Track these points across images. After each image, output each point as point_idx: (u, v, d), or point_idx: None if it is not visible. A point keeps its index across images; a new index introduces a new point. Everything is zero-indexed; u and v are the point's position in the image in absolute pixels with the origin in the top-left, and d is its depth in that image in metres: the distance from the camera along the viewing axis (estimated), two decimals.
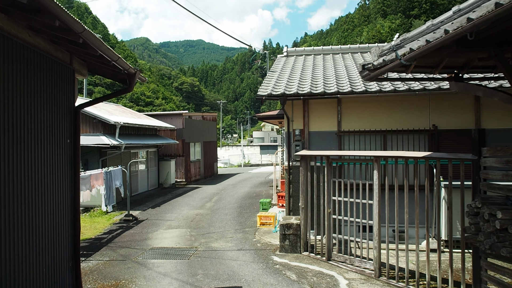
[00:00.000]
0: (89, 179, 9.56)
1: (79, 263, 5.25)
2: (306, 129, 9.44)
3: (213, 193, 17.38)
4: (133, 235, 9.98)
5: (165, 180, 19.46)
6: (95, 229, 10.71)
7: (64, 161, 4.63)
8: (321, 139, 9.42)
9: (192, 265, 7.37)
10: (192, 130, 22.10)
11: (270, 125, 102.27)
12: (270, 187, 18.87)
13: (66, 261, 4.88)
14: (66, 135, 4.68)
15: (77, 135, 4.82)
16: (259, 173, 27.61)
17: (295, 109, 9.54)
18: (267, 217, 10.43)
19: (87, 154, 14.06)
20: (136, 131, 16.90)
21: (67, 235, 4.84)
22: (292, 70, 10.84)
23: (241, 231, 10.11)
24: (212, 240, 9.32)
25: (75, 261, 5.19)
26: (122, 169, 11.91)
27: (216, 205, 14.14)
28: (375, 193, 6.64)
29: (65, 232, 4.77)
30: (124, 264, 7.52)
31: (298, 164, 9.45)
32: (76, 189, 4.87)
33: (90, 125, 14.04)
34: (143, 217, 12.23)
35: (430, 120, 8.95)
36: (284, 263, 7.34)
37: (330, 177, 7.45)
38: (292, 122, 9.55)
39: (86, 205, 13.17)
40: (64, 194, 4.65)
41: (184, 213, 12.80)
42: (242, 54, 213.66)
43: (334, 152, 7.47)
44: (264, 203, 12.68)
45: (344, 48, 12.85)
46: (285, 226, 8.00)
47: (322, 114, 9.43)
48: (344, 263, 7.19)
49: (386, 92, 8.36)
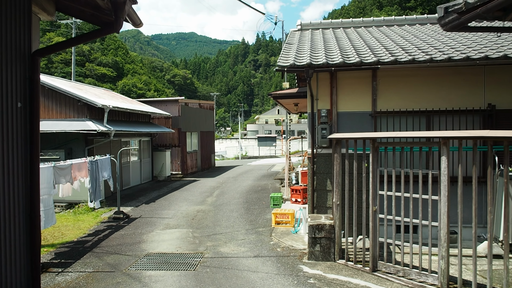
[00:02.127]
0: (69, 170, 7.84)
1: (38, 283, 3.58)
2: (334, 109, 7.83)
3: (213, 186, 15.71)
4: (124, 237, 8.30)
5: (160, 173, 17.73)
6: (78, 230, 9.01)
7: (12, 138, 2.94)
8: (352, 121, 7.81)
9: (201, 279, 5.73)
10: (188, 118, 20.34)
11: (265, 117, 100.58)
12: (275, 180, 17.27)
13: (19, 283, 3.21)
14: (16, 95, 2.99)
15: (35, 97, 3.13)
16: (259, 165, 25.98)
17: (320, 86, 7.91)
18: (284, 214, 8.82)
19: (71, 142, 12.29)
20: (127, 117, 15.12)
21: (19, 248, 3.17)
22: (313, 42, 9.18)
23: (254, 232, 8.49)
24: (220, 243, 7.68)
25: (34, 280, 3.52)
26: (111, 158, 10.18)
27: (219, 200, 12.50)
28: (443, 186, 5.05)
29: (16, 243, 3.10)
30: (113, 278, 5.86)
31: (324, 152, 7.85)
32: (34, 182, 3.19)
33: (74, 108, 12.25)
34: (136, 214, 10.55)
35: (485, 98, 7.38)
36: (318, 275, 5.74)
37: (376, 166, 5.84)
38: (317, 101, 7.92)
39: (70, 201, 11.43)
40: (13, 188, 2.96)
41: (184, 209, 11.14)
42: (235, 47, 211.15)
43: (384, 134, 5.88)
44: (275, 198, 11.07)
45: (367, 21, 11.20)
46: (315, 228, 6.39)
47: (354, 91, 7.81)
48: (394, 275, 5.62)
49: (439, 62, 6.74)
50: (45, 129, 11.46)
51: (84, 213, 10.74)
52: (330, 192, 7.86)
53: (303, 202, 10.73)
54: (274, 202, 11.05)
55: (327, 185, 7.88)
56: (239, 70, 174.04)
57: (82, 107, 12.17)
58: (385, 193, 5.79)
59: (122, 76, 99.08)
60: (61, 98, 12.25)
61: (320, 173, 7.92)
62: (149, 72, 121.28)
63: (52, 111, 12.32)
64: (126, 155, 15.13)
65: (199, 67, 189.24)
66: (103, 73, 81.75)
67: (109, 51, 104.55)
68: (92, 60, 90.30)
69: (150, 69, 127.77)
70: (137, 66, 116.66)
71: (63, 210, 11.26)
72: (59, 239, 8.25)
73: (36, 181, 3.20)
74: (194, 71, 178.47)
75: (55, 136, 12.26)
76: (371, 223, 5.82)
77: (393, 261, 5.79)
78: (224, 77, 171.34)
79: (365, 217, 6.06)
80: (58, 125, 11.71)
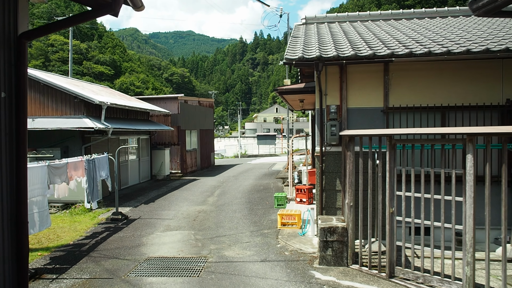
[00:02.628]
0: (65, 169, 7.42)
1: None
2: (344, 105, 7.44)
3: (214, 185, 15.31)
4: (123, 239, 7.90)
5: (159, 172, 17.31)
6: (75, 232, 8.60)
7: None
8: (363, 118, 7.43)
9: (206, 286, 5.34)
10: (188, 116, 19.91)
11: (263, 116, 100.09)
12: (277, 179, 16.89)
13: None
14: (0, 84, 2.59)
15: (22, 86, 2.72)
16: (260, 164, 25.57)
17: (329, 80, 7.52)
18: (290, 215, 8.43)
19: (68, 140, 11.85)
20: (125, 115, 14.68)
21: (3, 256, 2.78)
22: (320, 36, 8.78)
23: (259, 234, 8.11)
24: (224, 246, 7.29)
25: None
26: (109, 157, 9.76)
27: (221, 200, 12.10)
28: (469, 186, 4.67)
29: None
30: (111, 285, 5.46)
31: (333, 150, 7.47)
32: (21, 183, 2.79)
33: (71, 105, 11.81)
34: (134, 215, 10.14)
35: (503, 93, 7.01)
36: (332, 282, 5.35)
37: (393, 165, 5.46)
38: (325, 96, 7.53)
39: (66, 201, 11.01)
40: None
41: (184, 209, 10.74)
42: (233, 45, 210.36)
43: (402, 130, 5.49)
44: (279, 197, 10.69)
45: (374, 15, 10.81)
46: (327, 231, 6.01)
47: (364, 87, 7.42)
48: (414, 282, 5.24)
49: (457, 55, 6.36)
50: (40, 126, 11.03)
51: (81, 214, 10.33)
52: (339, 192, 7.49)
53: (309, 202, 10.35)
54: (278, 202, 10.66)
55: (337, 185, 7.50)
56: (237, 69, 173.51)
57: (78, 104, 11.74)
58: (403, 194, 5.41)
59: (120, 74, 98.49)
60: (56, 94, 11.81)
61: (329, 172, 7.54)
62: (147, 71, 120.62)
63: (48, 108, 11.88)
64: (125, 154, 14.71)
65: (197, 66, 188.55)
66: (101, 71, 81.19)
67: (107, 49, 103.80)
68: (90, 58, 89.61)
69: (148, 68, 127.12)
70: (135, 64, 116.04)
71: (59, 211, 10.84)
72: (54, 241, 7.84)
73: (23, 182, 2.79)
74: (192, 70, 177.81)
75: (51, 134, 11.83)
76: (387, 226, 5.44)
77: (412, 266, 5.41)
78: (222, 75, 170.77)
79: (381, 219, 5.68)
80: (54, 123, 11.28)
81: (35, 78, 11.64)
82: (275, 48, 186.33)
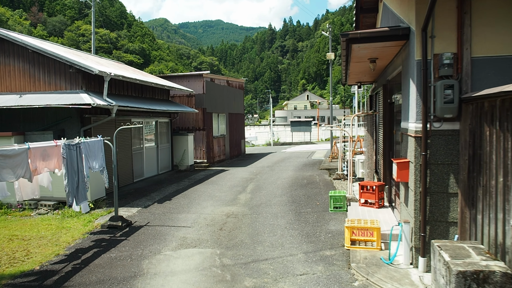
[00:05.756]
0: (23, 158, 4.88)
1: None
2: (467, 52, 4.42)
3: (246, 178, 12.58)
4: (113, 263, 5.30)
5: (181, 161, 14.78)
6: (54, 246, 6.11)
7: None
8: (500, 74, 4.39)
9: None
10: (215, 97, 17.22)
11: (293, 104, 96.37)
12: (322, 170, 13.93)
13: None
14: None
15: None
16: (296, 152, 22.61)
17: (438, 12, 4.50)
18: (365, 229, 5.53)
19: (63, 122, 9.44)
20: (139, 93, 12.16)
21: None
22: None
23: (318, 257, 5.28)
24: (267, 282, 4.53)
25: None
26: (105, 141, 7.20)
27: (255, 198, 9.36)
28: None
29: None
30: None
31: (446, 128, 4.52)
32: None
33: (66, 78, 9.35)
34: (141, 220, 7.58)
35: None
36: None
37: None
38: (432, 39, 4.53)
39: (60, 199, 8.63)
40: None
41: (208, 212, 8.08)
42: (262, 33, 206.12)
43: None
44: (336, 198, 7.81)
45: None
46: (471, 279, 3.09)
47: (503, 20, 4.36)
48: None
49: None
50: (27, 103, 8.65)
51: (74, 217, 7.90)
52: (454, 196, 4.54)
53: (378, 205, 7.41)
54: (335, 203, 7.79)
55: (450, 185, 4.55)
56: (266, 57, 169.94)
57: (75, 76, 9.25)
58: None
59: (149, 63, 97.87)
60: (49, 64, 9.38)
61: (437, 164, 4.58)
62: (176, 59, 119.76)
63: (39, 81, 9.49)
64: (139, 140, 12.24)
65: (226, 54, 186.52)
66: (130, 60, 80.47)
67: (136, 38, 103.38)
68: (120, 47, 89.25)
69: (177, 56, 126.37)
70: (164, 53, 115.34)
71: (50, 212, 8.46)
72: (18, 263, 5.38)
73: None
74: (221, 58, 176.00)
75: (43, 115, 9.46)
76: None
77: None
78: (251, 63, 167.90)
79: None
80: (44, 99, 8.86)
81: (22, 43, 9.23)
82: (304, 35, 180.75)
